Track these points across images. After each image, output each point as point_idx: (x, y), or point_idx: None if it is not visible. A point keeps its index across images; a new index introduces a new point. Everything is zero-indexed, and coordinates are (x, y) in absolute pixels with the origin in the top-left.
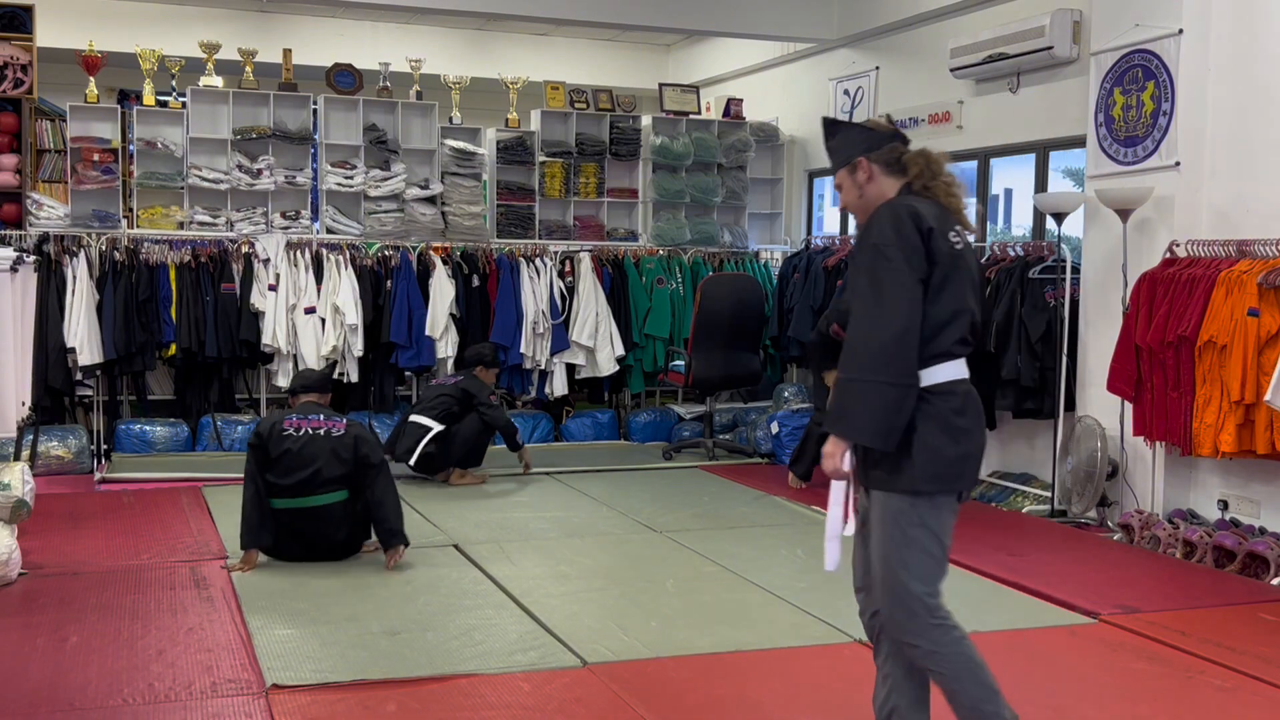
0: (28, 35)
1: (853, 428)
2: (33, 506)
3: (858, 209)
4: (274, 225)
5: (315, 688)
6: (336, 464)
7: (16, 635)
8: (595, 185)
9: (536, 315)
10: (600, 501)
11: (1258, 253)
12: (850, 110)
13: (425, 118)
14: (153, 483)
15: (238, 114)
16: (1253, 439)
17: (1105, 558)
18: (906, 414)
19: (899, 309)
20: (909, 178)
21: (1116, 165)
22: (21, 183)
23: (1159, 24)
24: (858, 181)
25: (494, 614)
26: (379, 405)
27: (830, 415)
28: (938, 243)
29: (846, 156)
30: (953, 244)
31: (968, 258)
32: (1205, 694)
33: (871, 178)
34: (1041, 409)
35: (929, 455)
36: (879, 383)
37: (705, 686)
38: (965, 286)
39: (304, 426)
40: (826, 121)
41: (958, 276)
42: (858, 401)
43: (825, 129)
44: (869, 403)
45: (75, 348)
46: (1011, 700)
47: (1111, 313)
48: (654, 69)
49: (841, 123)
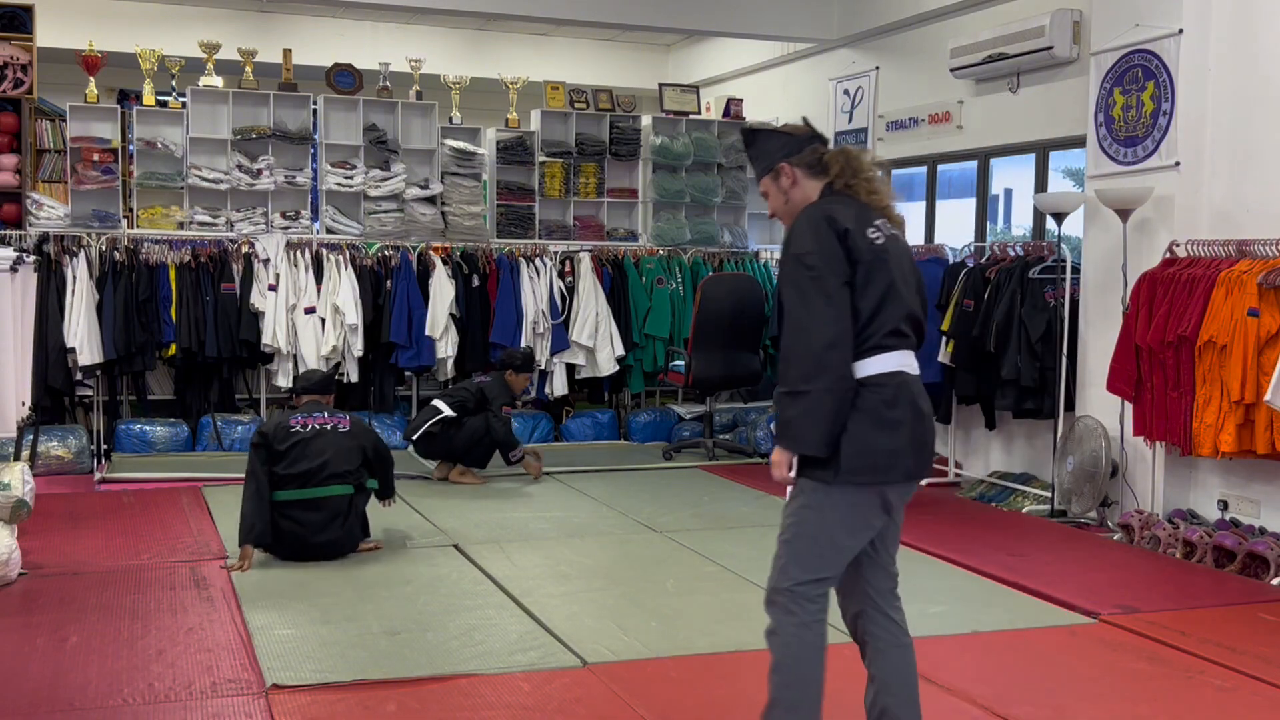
0: (28, 35)
1: (796, 439)
2: (33, 506)
3: (785, 215)
4: (274, 225)
5: (315, 688)
6: (345, 457)
7: (16, 635)
8: (595, 185)
9: (536, 315)
10: (600, 501)
11: (1258, 253)
12: (850, 110)
13: (425, 118)
14: (153, 483)
15: (238, 114)
16: (1253, 439)
17: (1105, 558)
18: (845, 411)
19: (827, 317)
20: (830, 177)
21: (1116, 165)
22: (21, 183)
23: (1159, 24)
24: (782, 187)
25: (494, 614)
26: (379, 405)
27: (776, 427)
28: (856, 241)
29: (768, 163)
30: (873, 240)
31: (895, 251)
32: (1205, 694)
33: (795, 182)
34: (1041, 409)
35: (856, 447)
36: (815, 392)
37: (705, 686)
38: (892, 279)
39: (310, 423)
40: (744, 130)
41: (882, 271)
42: (797, 413)
43: (744, 138)
44: (808, 413)
45: (75, 348)
46: (1012, 700)
47: (1111, 313)
48: (654, 69)
49: (760, 129)
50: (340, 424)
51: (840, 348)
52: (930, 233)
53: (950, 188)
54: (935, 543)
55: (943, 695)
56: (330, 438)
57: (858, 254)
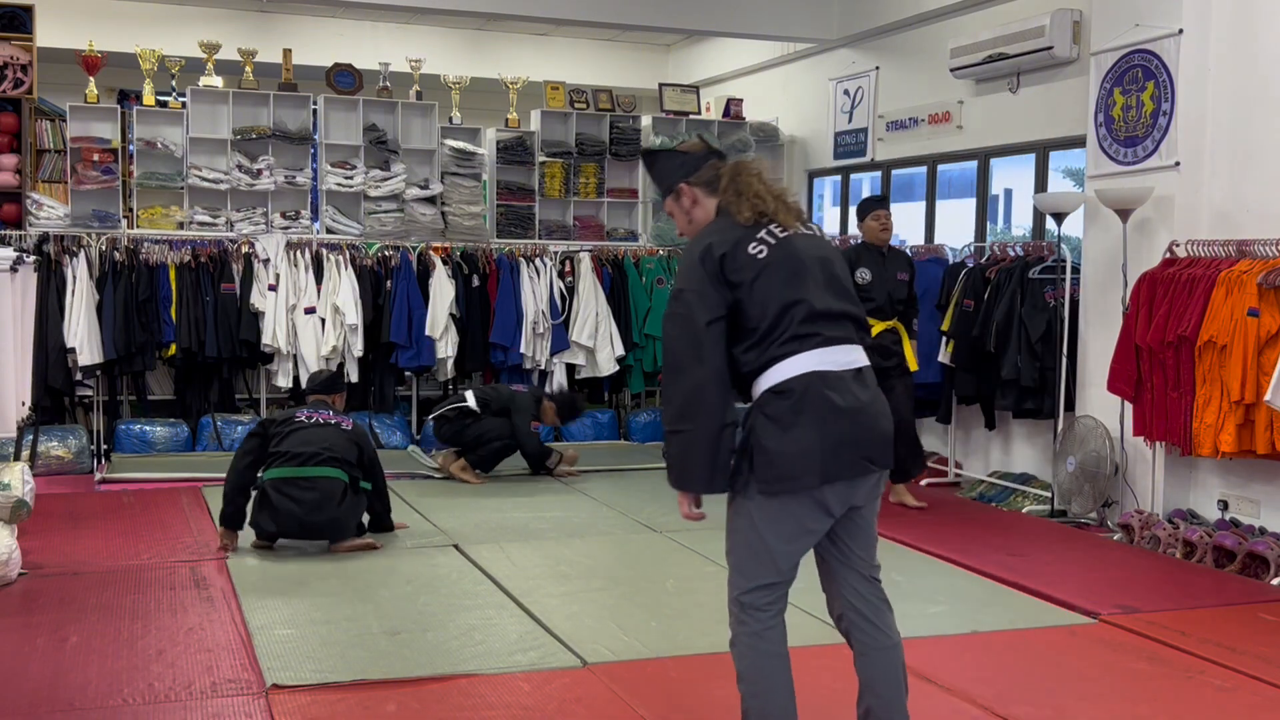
0: (28, 35)
1: (684, 479)
2: (33, 506)
3: (691, 233)
4: (274, 225)
5: (315, 688)
6: (342, 446)
7: (16, 635)
8: (595, 185)
9: (536, 315)
10: (600, 501)
11: (1258, 253)
12: (850, 110)
13: (425, 118)
14: (153, 483)
15: (238, 114)
16: (1253, 439)
17: (1105, 558)
18: (727, 452)
19: (700, 357)
20: (719, 195)
21: (1116, 165)
22: (21, 183)
23: (1159, 24)
24: (684, 207)
25: (494, 614)
26: (379, 405)
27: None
28: (735, 262)
29: (669, 185)
30: (755, 255)
31: (789, 254)
32: (1205, 694)
33: (696, 201)
34: (1041, 409)
35: (765, 458)
36: (689, 432)
37: (705, 686)
38: (785, 283)
39: (315, 417)
40: (643, 152)
41: (769, 280)
42: (677, 452)
43: (644, 160)
44: (686, 454)
45: (75, 348)
46: (1012, 700)
47: (1111, 313)
48: (654, 69)
49: (658, 152)
50: (343, 423)
51: (712, 386)
52: (930, 233)
53: (950, 188)
54: (935, 543)
55: (943, 695)
56: (330, 430)
57: (739, 274)
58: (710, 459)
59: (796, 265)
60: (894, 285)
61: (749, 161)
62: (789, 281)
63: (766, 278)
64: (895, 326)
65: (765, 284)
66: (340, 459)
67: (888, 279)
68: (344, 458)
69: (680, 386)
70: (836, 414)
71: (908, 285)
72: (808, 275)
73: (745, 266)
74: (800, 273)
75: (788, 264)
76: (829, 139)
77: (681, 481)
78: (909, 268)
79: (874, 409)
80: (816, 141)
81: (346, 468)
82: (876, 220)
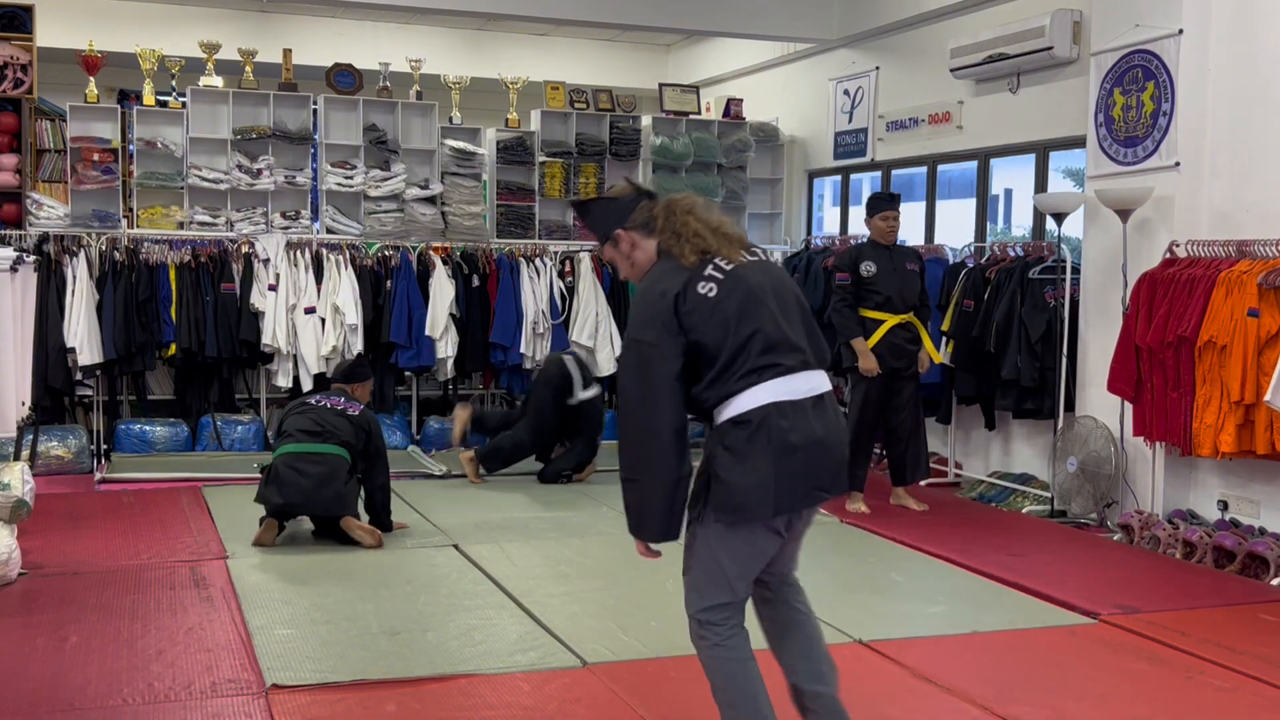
0: (28, 35)
1: (639, 529)
2: (33, 506)
3: (635, 276)
4: (274, 225)
5: (315, 688)
6: (347, 430)
7: (16, 635)
8: (595, 185)
9: (536, 315)
10: (600, 501)
11: (1258, 253)
12: (850, 110)
13: (425, 118)
14: (153, 483)
15: (238, 114)
16: (1253, 439)
17: (1105, 558)
18: (681, 502)
19: (655, 409)
20: (656, 235)
21: (1116, 165)
22: (21, 183)
23: (1159, 24)
24: (624, 252)
25: (494, 614)
26: (379, 405)
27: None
28: (688, 305)
29: (605, 233)
30: (705, 294)
31: (740, 286)
32: (1205, 694)
33: (635, 245)
34: (1041, 409)
35: (721, 488)
36: (644, 483)
37: (705, 686)
38: (736, 315)
39: (325, 401)
40: (574, 204)
41: (723, 314)
42: (634, 501)
43: (576, 211)
44: (643, 504)
45: (75, 348)
46: (1012, 700)
47: (1111, 313)
48: (654, 69)
49: (589, 201)
50: (351, 409)
51: (667, 438)
52: (930, 233)
53: (950, 188)
54: (935, 543)
55: (943, 695)
56: (338, 413)
57: (692, 318)
58: (666, 510)
59: (747, 296)
60: (905, 276)
61: (680, 198)
62: (742, 314)
63: (719, 315)
64: (911, 322)
65: (719, 321)
66: (343, 441)
67: (897, 270)
68: (346, 439)
69: (635, 437)
70: (789, 450)
71: (919, 276)
72: (760, 305)
73: (698, 309)
74: (752, 303)
75: (738, 296)
76: (829, 139)
77: (637, 530)
78: (918, 260)
79: (830, 439)
80: (816, 141)
81: (347, 446)
82: (885, 220)
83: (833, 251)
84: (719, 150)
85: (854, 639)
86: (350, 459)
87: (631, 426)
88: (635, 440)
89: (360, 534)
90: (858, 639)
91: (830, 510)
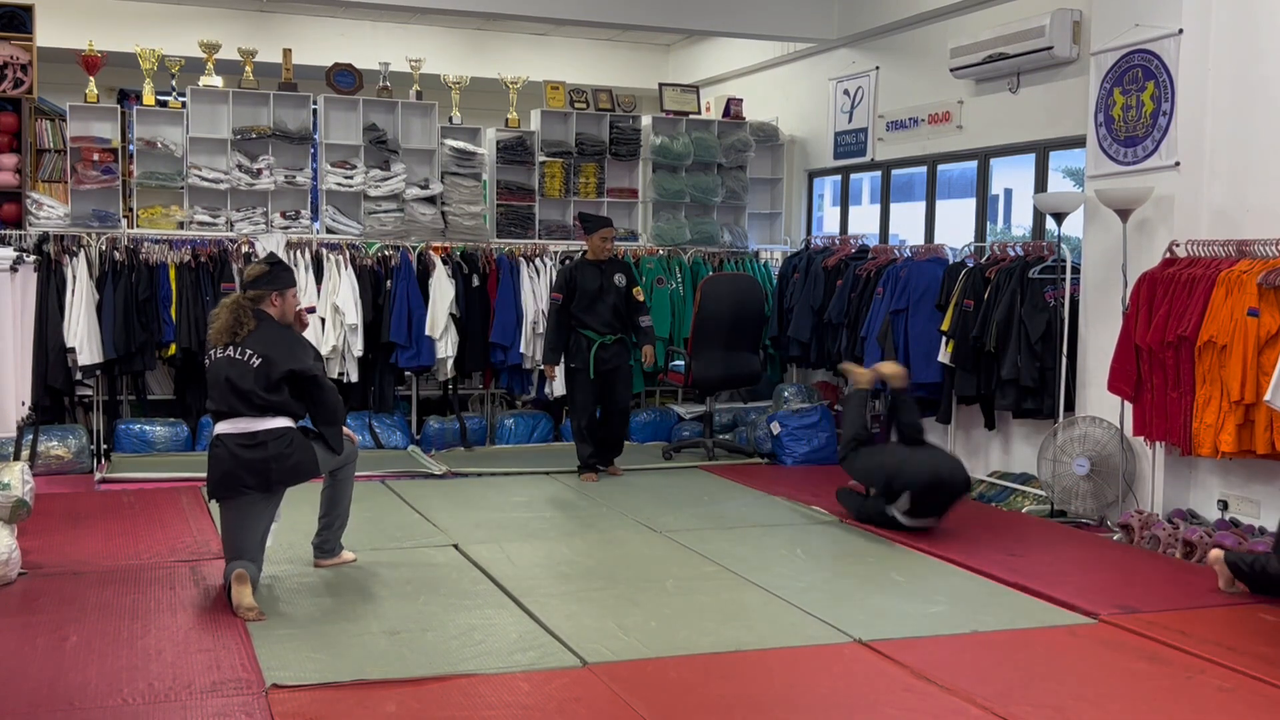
0: (28, 35)
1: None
2: (33, 506)
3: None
4: (274, 225)
5: (315, 688)
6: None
7: (16, 635)
8: (595, 185)
9: (536, 315)
10: (600, 501)
11: (1258, 253)
12: (850, 110)
13: (425, 118)
14: (153, 483)
15: (238, 114)
16: (1252, 439)
17: (1105, 558)
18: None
19: None
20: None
21: (1116, 165)
22: (21, 182)
23: (1159, 24)
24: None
25: (494, 614)
26: (379, 405)
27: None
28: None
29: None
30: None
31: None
32: (1205, 694)
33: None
34: (1041, 409)
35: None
36: None
37: (705, 686)
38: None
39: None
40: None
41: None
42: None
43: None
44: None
45: (75, 347)
46: (1012, 700)
47: (1111, 313)
48: (654, 69)
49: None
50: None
51: None
52: (930, 233)
53: (950, 188)
54: (935, 543)
55: (943, 695)
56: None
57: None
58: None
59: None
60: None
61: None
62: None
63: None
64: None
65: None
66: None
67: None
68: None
69: None
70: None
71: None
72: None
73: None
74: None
75: (217, 368)
76: (829, 139)
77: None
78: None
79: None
80: (816, 141)
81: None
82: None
83: (833, 251)
84: (719, 150)
85: (854, 639)
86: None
87: None
88: None
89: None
90: (858, 639)
91: (830, 510)
